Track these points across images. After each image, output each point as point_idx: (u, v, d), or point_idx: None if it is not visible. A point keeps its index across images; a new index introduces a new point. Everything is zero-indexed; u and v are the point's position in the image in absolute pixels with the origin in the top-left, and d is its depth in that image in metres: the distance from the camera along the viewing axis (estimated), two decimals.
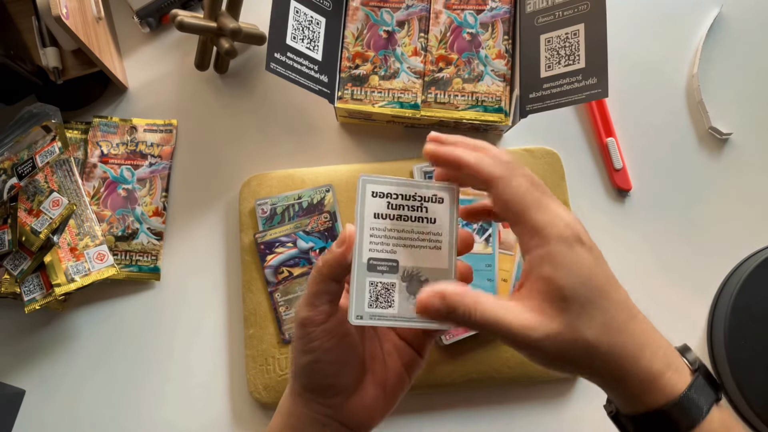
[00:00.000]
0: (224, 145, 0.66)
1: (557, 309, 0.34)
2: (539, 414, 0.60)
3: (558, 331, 0.34)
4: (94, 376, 0.61)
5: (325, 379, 0.39)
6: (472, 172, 0.36)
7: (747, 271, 0.59)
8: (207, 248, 0.64)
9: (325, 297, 0.38)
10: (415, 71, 0.61)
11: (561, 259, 0.34)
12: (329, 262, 0.37)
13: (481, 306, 0.35)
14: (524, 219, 0.35)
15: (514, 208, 0.35)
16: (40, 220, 0.59)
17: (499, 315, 0.34)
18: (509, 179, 0.35)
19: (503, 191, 0.35)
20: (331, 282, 0.37)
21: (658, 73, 0.67)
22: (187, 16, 0.60)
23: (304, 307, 0.38)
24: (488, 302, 0.35)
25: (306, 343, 0.38)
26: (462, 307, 0.35)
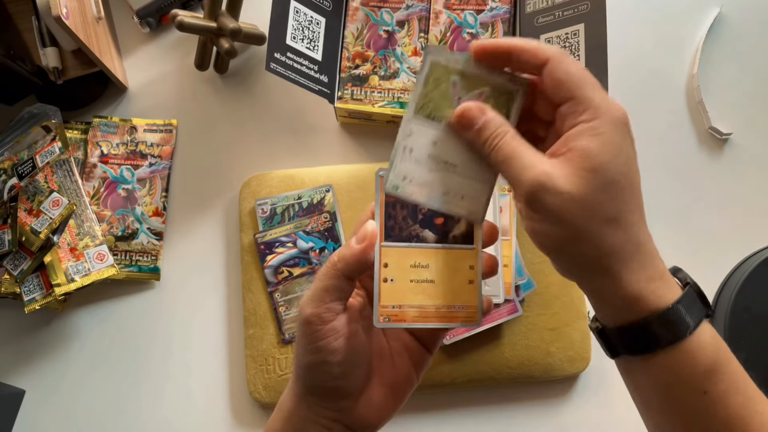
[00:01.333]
0: (224, 145, 0.66)
1: (581, 176, 0.33)
2: (539, 414, 0.60)
3: (572, 192, 0.33)
4: (93, 376, 0.61)
5: (331, 381, 0.37)
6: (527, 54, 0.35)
7: (747, 271, 0.59)
8: (207, 248, 0.64)
9: (336, 294, 0.36)
10: (415, 71, 0.61)
11: (608, 136, 0.34)
12: (347, 258, 0.35)
13: (509, 136, 0.35)
14: (580, 93, 0.34)
15: (573, 80, 0.34)
16: (40, 220, 0.59)
17: (521, 151, 0.34)
18: (566, 57, 0.35)
19: (561, 66, 0.34)
20: (345, 279, 0.36)
21: (658, 73, 0.67)
22: (187, 16, 0.60)
23: (310, 303, 0.36)
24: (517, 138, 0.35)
25: (311, 342, 0.36)
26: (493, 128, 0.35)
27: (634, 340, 0.36)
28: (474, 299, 0.37)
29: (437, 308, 0.36)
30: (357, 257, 0.35)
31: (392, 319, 0.36)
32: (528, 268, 0.59)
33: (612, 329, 0.36)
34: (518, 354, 0.58)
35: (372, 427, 0.39)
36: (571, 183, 0.33)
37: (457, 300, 0.37)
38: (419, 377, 0.40)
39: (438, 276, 0.37)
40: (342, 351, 0.36)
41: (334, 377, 0.36)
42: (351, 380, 0.37)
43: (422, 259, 0.37)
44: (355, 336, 0.37)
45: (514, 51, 0.35)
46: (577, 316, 0.59)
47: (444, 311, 0.37)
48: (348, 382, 0.37)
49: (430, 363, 0.41)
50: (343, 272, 0.35)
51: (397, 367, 0.40)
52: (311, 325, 0.36)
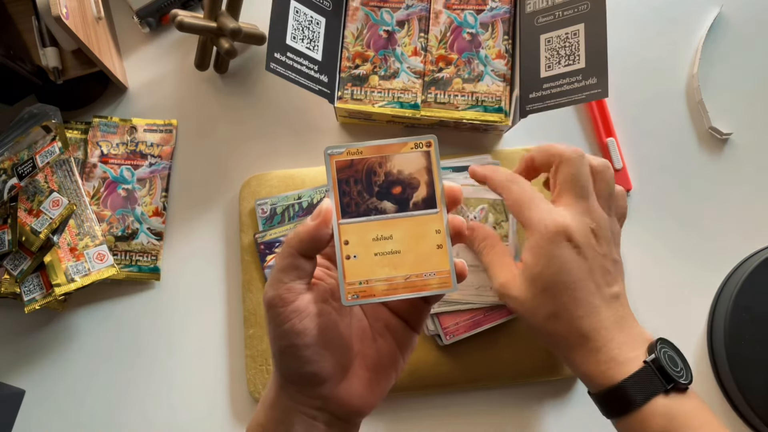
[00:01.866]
0: (224, 145, 0.66)
1: (526, 285, 0.45)
2: (539, 414, 0.60)
3: (523, 299, 0.45)
4: (94, 376, 0.61)
5: (305, 366, 0.35)
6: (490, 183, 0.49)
7: (747, 271, 0.59)
8: (207, 248, 0.64)
9: (294, 273, 0.35)
10: (415, 71, 0.61)
11: (535, 250, 0.44)
12: (300, 235, 0.35)
13: (492, 251, 0.51)
14: (522, 215, 0.46)
15: (514, 208, 0.47)
16: (40, 220, 0.59)
17: (495, 263, 0.50)
18: (509, 187, 0.47)
19: (507, 196, 0.47)
20: (301, 258, 0.35)
21: (658, 73, 0.67)
22: (187, 16, 0.60)
23: (270, 287, 0.35)
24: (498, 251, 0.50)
25: (276, 326, 0.35)
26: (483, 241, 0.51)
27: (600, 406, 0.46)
28: (445, 263, 0.36)
29: (406, 278, 0.35)
30: (310, 233, 0.35)
31: (361, 295, 0.35)
32: None
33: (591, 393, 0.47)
34: (518, 354, 0.58)
35: (359, 413, 0.38)
36: (518, 291, 0.46)
37: (427, 267, 0.35)
38: (405, 358, 0.39)
39: (403, 245, 0.35)
40: (309, 332, 0.35)
41: (307, 361, 0.35)
42: (326, 364, 0.36)
43: (384, 231, 0.35)
44: (323, 315, 0.36)
45: (485, 179, 0.49)
46: None
47: (414, 280, 0.35)
48: (323, 365, 0.36)
49: (416, 343, 0.40)
50: (298, 250, 0.35)
51: (380, 348, 0.38)
52: (274, 308, 0.35)
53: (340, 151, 0.36)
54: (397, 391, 0.58)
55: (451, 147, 0.64)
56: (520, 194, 0.46)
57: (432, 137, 0.36)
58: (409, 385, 0.58)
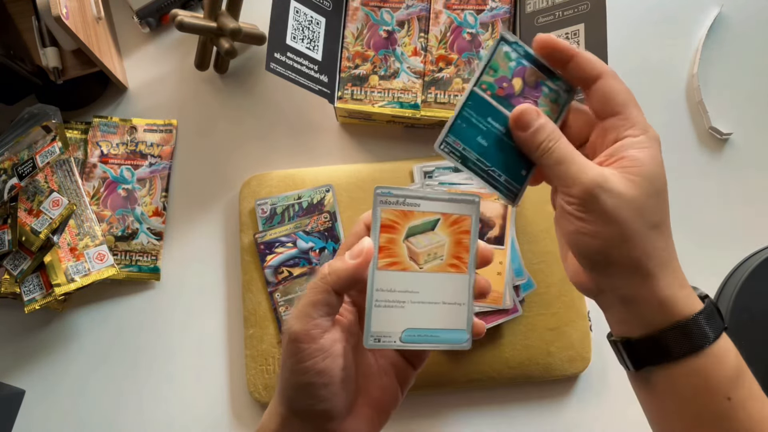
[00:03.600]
0: (224, 145, 0.66)
1: (633, 182, 0.35)
2: (539, 414, 0.60)
3: (626, 194, 0.35)
4: (94, 376, 0.61)
5: (319, 404, 0.35)
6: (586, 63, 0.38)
7: (747, 271, 0.59)
8: (207, 248, 0.64)
9: (324, 309, 0.34)
10: (415, 71, 0.61)
11: (653, 151, 0.36)
12: (338, 272, 0.34)
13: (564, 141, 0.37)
14: (627, 110, 0.37)
15: (621, 98, 0.37)
16: (40, 220, 0.59)
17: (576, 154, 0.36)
18: (616, 75, 0.38)
19: (613, 83, 0.38)
20: (334, 294, 0.34)
21: (658, 73, 0.67)
22: (187, 16, 0.60)
23: (298, 320, 0.34)
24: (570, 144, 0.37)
25: (298, 361, 0.34)
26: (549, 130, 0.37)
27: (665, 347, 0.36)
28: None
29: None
30: (350, 273, 0.34)
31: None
32: (528, 268, 0.59)
33: (640, 338, 0.37)
34: (518, 354, 0.58)
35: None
36: (626, 186, 0.35)
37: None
38: (404, 394, 0.39)
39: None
40: (330, 372, 0.34)
41: (322, 399, 0.35)
42: (338, 402, 0.35)
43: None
44: (343, 356, 0.35)
45: (576, 55, 0.38)
46: (577, 316, 0.59)
47: None
48: (335, 403, 0.35)
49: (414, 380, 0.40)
50: (334, 287, 0.34)
51: (384, 386, 0.38)
52: (299, 343, 0.34)
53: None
54: None
55: None
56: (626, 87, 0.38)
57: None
58: None
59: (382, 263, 0.36)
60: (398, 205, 0.37)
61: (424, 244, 0.37)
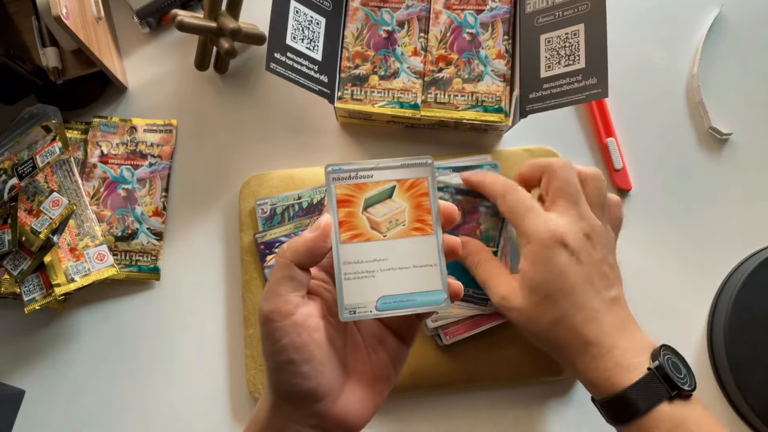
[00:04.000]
0: (224, 145, 0.66)
1: (526, 294, 0.45)
2: (539, 414, 0.60)
3: (524, 308, 0.45)
4: (94, 376, 0.61)
5: (303, 383, 0.34)
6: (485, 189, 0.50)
7: (747, 271, 0.59)
8: (207, 248, 0.64)
9: (290, 284, 0.34)
10: (415, 71, 0.61)
11: (534, 258, 0.44)
12: (295, 246, 0.35)
13: (485, 265, 0.49)
14: (519, 224, 0.46)
15: (509, 216, 0.47)
16: (40, 220, 0.59)
17: (492, 277, 0.48)
18: (508, 193, 0.47)
19: (500, 203, 0.48)
20: (296, 268, 0.35)
21: (658, 73, 0.67)
22: (187, 16, 0.60)
23: (266, 300, 0.35)
24: (492, 265, 0.49)
25: (274, 341, 0.34)
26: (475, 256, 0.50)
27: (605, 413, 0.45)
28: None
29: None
30: (307, 245, 0.35)
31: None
32: None
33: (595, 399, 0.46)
34: (518, 354, 0.58)
35: (354, 429, 0.37)
36: (519, 301, 0.45)
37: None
38: (397, 373, 0.39)
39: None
40: (309, 347, 0.34)
41: (306, 377, 0.34)
42: (324, 380, 0.35)
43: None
44: (321, 330, 0.35)
45: (479, 185, 0.50)
46: None
47: None
48: (321, 382, 0.35)
49: (408, 356, 0.40)
50: (293, 261, 0.35)
51: (373, 363, 0.38)
52: (271, 322, 0.34)
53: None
54: (397, 391, 0.57)
55: (451, 147, 0.64)
56: (514, 203, 0.46)
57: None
58: (409, 385, 0.58)
59: (345, 237, 0.37)
60: (351, 179, 0.38)
61: (383, 213, 0.38)
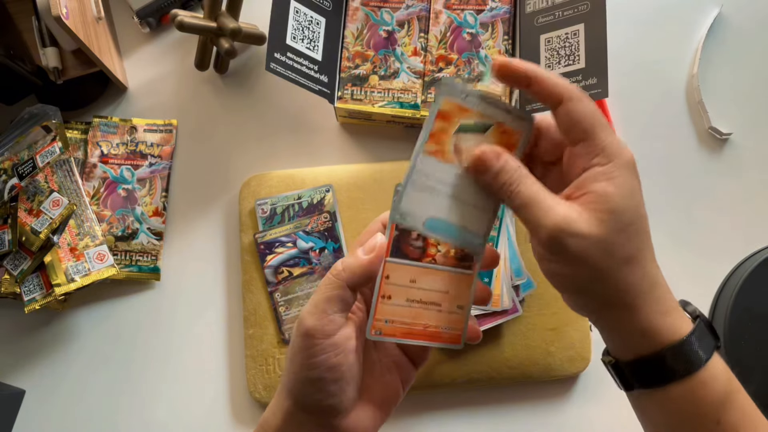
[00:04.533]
0: (224, 145, 0.66)
1: (599, 219, 0.34)
2: (539, 414, 0.60)
3: (592, 234, 0.34)
4: (94, 376, 0.61)
5: (327, 399, 0.35)
6: (547, 86, 0.35)
7: (747, 271, 0.59)
8: (207, 248, 0.64)
9: (339, 305, 0.35)
10: (415, 71, 0.61)
11: (621, 180, 0.35)
12: (353, 268, 0.35)
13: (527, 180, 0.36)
14: (593, 136, 0.35)
15: (586, 124, 0.35)
16: (40, 220, 0.59)
17: (540, 196, 0.35)
18: (584, 97, 0.35)
19: (577, 106, 0.35)
20: (348, 290, 0.35)
21: (658, 73, 0.67)
22: (187, 16, 0.60)
23: (312, 315, 0.35)
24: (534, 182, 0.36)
25: (309, 357, 0.34)
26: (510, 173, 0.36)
27: (650, 373, 0.36)
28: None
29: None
30: (364, 268, 0.35)
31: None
32: (528, 267, 0.59)
33: (626, 362, 0.37)
34: (518, 354, 0.58)
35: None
36: (591, 226, 0.34)
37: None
38: (404, 393, 0.40)
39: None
40: (341, 367, 0.35)
41: (331, 394, 0.35)
42: (345, 398, 0.36)
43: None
44: (354, 353, 0.36)
45: (535, 78, 0.35)
46: (577, 316, 0.59)
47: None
48: (342, 399, 0.36)
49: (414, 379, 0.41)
50: (348, 282, 0.35)
51: (386, 383, 0.39)
52: (312, 338, 0.34)
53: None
54: None
55: None
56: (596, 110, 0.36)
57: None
58: None
59: (429, 148, 0.36)
60: (459, 98, 0.36)
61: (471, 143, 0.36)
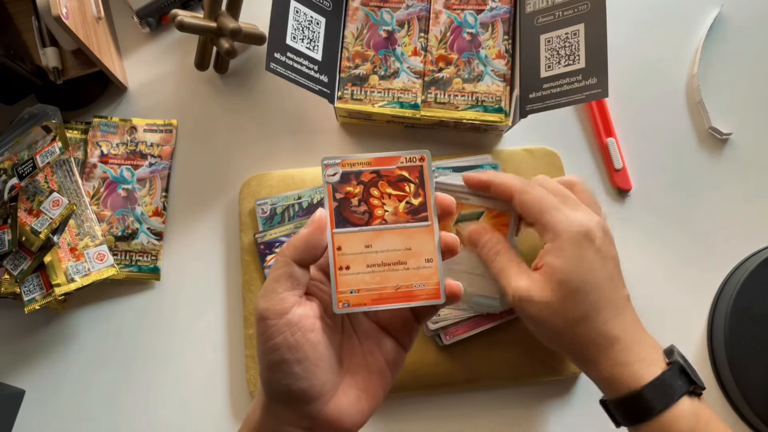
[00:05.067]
0: (224, 145, 0.66)
1: (550, 288, 0.43)
2: (539, 414, 0.60)
3: (549, 301, 0.43)
4: (94, 376, 0.61)
5: (295, 383, 0.34)
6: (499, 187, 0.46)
7: (747, 271, 0.59)
8: (207, 248, 0.64)
9: (288, 282, 0.34)
10: (415, 71, 0.61)
11: (563, 252, 0.42)
12: (294, 242, 0.35)
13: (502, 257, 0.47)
14: (541, 218, 0.44)
15: (533, 210, 0.44)
16: (40, 220, 0.59)
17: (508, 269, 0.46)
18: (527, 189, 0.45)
19: (523, 198, 0.45)
20: (296, 266, 0.34)
21: (658, 73, 0.67)
22: (187, 16, 0.60)
23: (263, 298, 0.34)
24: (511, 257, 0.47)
25: (267, 339, 0.33)
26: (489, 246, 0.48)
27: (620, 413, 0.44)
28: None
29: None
30: (304, 240, 0.35)
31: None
32: None
33: (606, 401, 0.45)
34: (518, 354, 0.58)
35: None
36: (544, 293, 0.43)
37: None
38: (394, 376, 0.39)
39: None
40: (302, 347, 0.34)
41: (298, 377, 0.34)
42: (316, 381, 0.34)
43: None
44: (316, 331, 0.35)
45: (491, 183, 0.47)
46: None
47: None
48: (313, 383, 0.34)
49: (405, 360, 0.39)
50: (293, 258, 0.34)
51: (369, 366, 0.38)
52: (266, 320, 0.34)
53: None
54: (397, 391, 0.58)
55: (451, 147, 0.64)
56: (540, 198, 0.44)
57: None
58: (409, 385, 0.58)
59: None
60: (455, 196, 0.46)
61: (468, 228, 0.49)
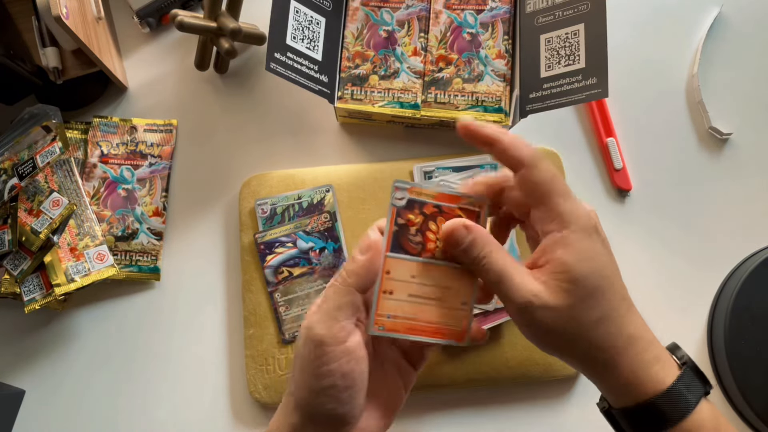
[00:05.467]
0: (224, 145, 0.66)
1: (563, 289, 0.35)
2: (539, 414, 0.60)
3: (559, 306, 0.34)
4: (94, 376, 0.61)
5: (339, 408, 0.34)
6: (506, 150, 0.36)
7: (747, 271, 0.59)
8: (207, 248, 0.64)
9: (350, 311, 0.34)
10: (415, 71, 0.61)
11: (577, 246, 0.35)
12: (356, 271, 0.34)
13: (495, 255, 0.36)
14: (549, 202, 0.36)
15: (541, 190, 0.36)
16: (40, 220, 0.59)
17: (508, 270, 0.35)
18: (540, 162, 0.36)
19: (533, 173, 0.36)
20: (359, 295, 0.35)
21: (658, 73, 0.67)
22: (187, 16, 0.60)
23: (322, 323, 0.34)
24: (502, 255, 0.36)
25: (322, 364, 0.34)
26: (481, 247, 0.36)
27: (638, 421, 0.37)
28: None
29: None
30: (366, 267, 0.35)
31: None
32: None
33: (617, 410, 0.38)
34: (518, 354, 0.58)
35: None
36: (557, 298, 0.35)
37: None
38: (406, 397, 0.40)
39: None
40: (353, 374, 0.34)
41: (343, 402, 0.34)
42: (357, 405, 0.35)
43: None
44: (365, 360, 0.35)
45: (497, 143, 0.36)
46: None
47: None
48: (353, 406, 0.35)
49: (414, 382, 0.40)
50: (356, 287, 0.34)
51: (390, 389, 0.39)
52: (324, 346, 0.34)
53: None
54: None
55: (451, 147, 0.64)
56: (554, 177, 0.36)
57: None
58: None
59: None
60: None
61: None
